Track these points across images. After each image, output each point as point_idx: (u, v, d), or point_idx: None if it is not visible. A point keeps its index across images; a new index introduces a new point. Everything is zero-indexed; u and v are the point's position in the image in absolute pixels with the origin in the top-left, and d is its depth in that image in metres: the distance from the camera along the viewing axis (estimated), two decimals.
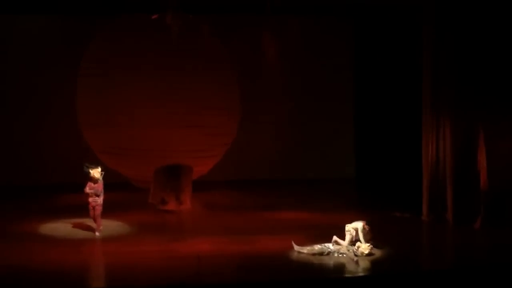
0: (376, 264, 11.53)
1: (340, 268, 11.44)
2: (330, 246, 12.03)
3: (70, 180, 13.36)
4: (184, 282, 10.35)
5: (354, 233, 12.12)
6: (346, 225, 12.31)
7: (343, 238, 12.26)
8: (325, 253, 11.93)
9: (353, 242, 12.04)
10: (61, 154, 18.33)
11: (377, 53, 18.88)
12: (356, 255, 11.73)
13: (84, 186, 13.43)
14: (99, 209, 13.42)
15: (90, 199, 13.43)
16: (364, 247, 11.83)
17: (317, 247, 12.04)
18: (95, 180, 13.35)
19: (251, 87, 18.62)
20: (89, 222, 13.74)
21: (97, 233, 13.34)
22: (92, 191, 13.38)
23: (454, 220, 14.34)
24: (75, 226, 13.87)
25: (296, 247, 12.18)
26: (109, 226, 14.05)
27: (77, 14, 18.24)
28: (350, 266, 11.45)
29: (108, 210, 15.61)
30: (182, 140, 16.81)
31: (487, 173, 14.07)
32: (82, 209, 13.89)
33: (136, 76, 16.72)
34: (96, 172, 13.36)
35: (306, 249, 12.08)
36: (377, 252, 11.94)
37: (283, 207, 15.88)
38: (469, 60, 14.25)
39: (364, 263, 11.54)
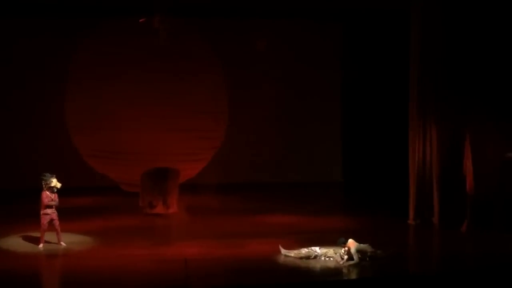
0: (362, 268, 11.56)
1: (327, 271, 11.46)
2: (317, 249, 12.04)
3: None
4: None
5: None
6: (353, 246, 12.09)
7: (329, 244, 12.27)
8: (312, 257, 11.95)
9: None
10: (49, 158, 18.26)
11: (365, 57, 18.98)
12: (342, 259, 11.75)
13: (37, 196, 12.84)
14: (57, 220, 12.81)
15: (49, 211, 12.75)
16: (353, 251, 11.81)
17: (304, 251, 12.06)
18: (51, 190, 12.80)
19: (239, 90, 18.65)
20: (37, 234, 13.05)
21: (40, 245, 12.71)
22: (53, 202, 12.78)
23: (441, 224, 14.41)
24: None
25: (283, 251, 12.20)
26: (97, 230, 14.04)
27: (64, 18, 18.21)
28: (337, 270, 11.47)
29: (96, 214, 15.66)
30: (170, 144, 16.81)
31: (473, 177, 14.14)
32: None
33: (124, 80, 16.71)
34: (56, 182, 12.81)
35: (293, 253, 12.10)
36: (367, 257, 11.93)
37: (270, 211, 15.91)
38: (456, 64, 14.34)
39: (350, 267, 11.57)
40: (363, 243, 11.91)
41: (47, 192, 12.80)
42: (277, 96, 19.41)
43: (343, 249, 11.77)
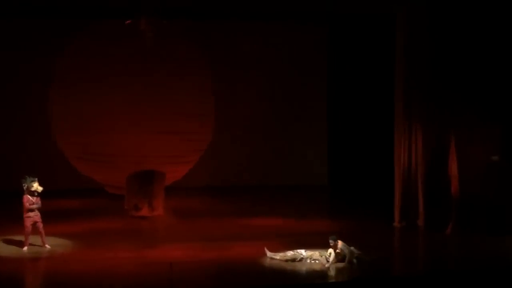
0: (348, 270, 11.58)
1: (312, 274, 11.47)
2: (303, 252, 12.05)
3: (46, 187, 13.11)
4: None
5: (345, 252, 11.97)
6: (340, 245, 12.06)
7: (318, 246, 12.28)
8: (298, 259, 11.96)
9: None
10: (34, 160, 18.15)
11: (350, 60, 19.02)
12: (328, 262, 11.76)
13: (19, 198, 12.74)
14: (41, 223, 12.73)
15: (32, 214, 12.65)
16: (345, 248, 11.79)
17: (290, 254, 12.06)
18: (32, 194, 12.69)
19: (226, 93, 18.65)
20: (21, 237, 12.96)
21: (25, 248, 12.64)
22: (36, 205, 12.70)
23: (426, 227, 14.46)
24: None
25: (269, 254, 12.19)
26: (82, 232, 13.99)
27: (50, 19, 18.13)
28: (323, 272, 11.48)
29: (82, 216, 15.59)
30: (156, 146, 16.78)
31: (458, 180, 14.20)
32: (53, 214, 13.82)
33: (110, 83, 16.67)
34: (37, 186, 12.69)
35: (279, 256, 12.10)
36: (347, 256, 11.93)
37: (256, 214, 15.91)
38: (441, 67, 14.41)
39: (336, 269, 11.59)
40: (350, 246, 11.93)
41: (28, 196, 12.73)
42: (263, 99, 19.43)
43: (329, 250, 11.78)
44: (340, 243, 11.81)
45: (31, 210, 12.72)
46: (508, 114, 14.30)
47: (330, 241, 11.79)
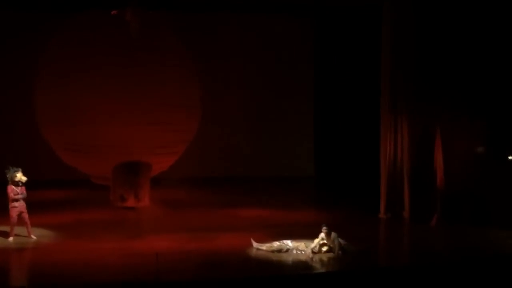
0: (333, 261, 11.62)
1: (298, 265, 11.51)
2: (289, 243, 12.09)
3: (31, 177, 13.06)
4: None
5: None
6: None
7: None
8: (284, 250, 12.00)
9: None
10: (19, 150, 18.06)
11: (336, 52, 19.04)
12: (314, 252, 11.80)
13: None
14: (27, 213, 12.72)
15: (17, 204, 12.65)
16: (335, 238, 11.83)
17: (276, 244, 12.10)
18: (16, 184, 12.67)
19: (212, 84, 18.62)
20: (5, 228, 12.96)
21: (10, 238, 12.67)
22: (21, 195, 12.68)
23: (411, 218, 14.53)
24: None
25: (255, 244, 12.22)
26: (67, 223, 13.96)
27: (35, 10, 18.03)
28: (308, 263, 11.53)
29: (67, 207, 15.56)
30: (142, 137, 16.73)
31: (443, 172, 14.27)
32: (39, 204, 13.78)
33: (96, 73, 16.59)
34: (21, 176, 12.67)
35: (265, 246, 12.14)
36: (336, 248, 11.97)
37: (242, 204, 15.94)
38: (427, 60, 14.46)
39: (321, 260, 11.63)
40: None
41: (13, 186, 12.70)
42: (250, 91, 19.43)
43: (316, 241, 11.81)
44: (333, 234, 11.84)
45: (16, 200, 12.68)
46: (493, 108, 14.38)
47: (324, 228, 11.80)
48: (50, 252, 12.12)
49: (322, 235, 11.86)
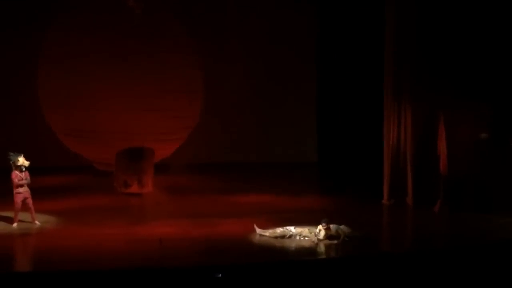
0: (337, 247, 11.64)
1: (301, 251, 11.53)
2: (292, 229, 12.10)
3: (35, 163, 13.06)
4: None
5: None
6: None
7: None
8: (287, 236, 12.01)
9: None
10: (23, 136, 18.05)
11: (340, 39, 18.98)
12: (317, 238, 11.81)
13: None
14: (31, 199, 12.74)
15: (21, 189, 12.66)
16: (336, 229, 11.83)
17: (279, 230, 12.11)
18: (19, 169, 12.66)
19: (215, 70, 18.59)
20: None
21: (14, 224, 12.69)
22: (25, 181, 12.67)
23: (414, 204, 14.53)
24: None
25: (258, 230, 12.23)
26: (71, 209, 13.99)
27: None
28: (312, 249, 11.54)
29: (71, 193, 15.58)
30: (145, 123, 16.75)
31: (446, 158, 14.26)
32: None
33: (98, 59, 16.59)
34: (23, 160, 12.68)
35: (268, 232, 12.15)
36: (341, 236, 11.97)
37: (245, 191, 15.93)
38: (430, 46, 14.41)
39: (325, 246, 11.65)
40: (339, 224, 11.98)
41: (16, 172, 12.71)
42: (252, 76, 19.38)
43: (319, 227, 11.83)
44: (332, 227, 11.83)
45: (21, 186, 12.69)
46: (497, 94, 14.35)
47: (322, 224, 11.81)
48: (54, 238, 12.15)
49: (320, 226, 11.81)
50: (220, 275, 10.20)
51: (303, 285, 10.49)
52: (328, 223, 11.84)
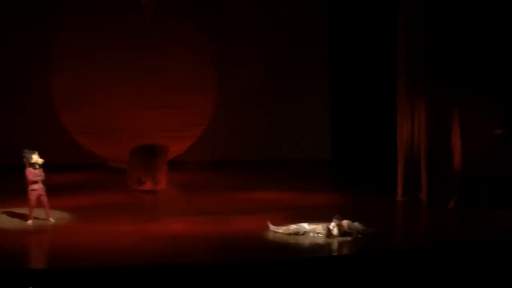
0: (350, 244, 11.61)
1: (315, 248, 11.51)
2: (306, 226, 12.06)
3: (49, 161, 13.12)
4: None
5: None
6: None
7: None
8: (301, 233, 11.99)
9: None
10: (36, 134, 18.10)
11: (353, 34, 18.93)
12: (331, 235, 11.79)
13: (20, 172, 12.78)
14: (45, 196, 12.79)
15: (36, 186, 12.71)
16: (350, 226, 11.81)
17: (293, 227, 12.09)
18: (33, 166, 12.71)
19: (228, 67, 18.58)
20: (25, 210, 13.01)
21: (29, 221, 12.70)
22: (39, 178, 12.74)
23: (428, 201, 14.48)
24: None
25: (271, 227, 12.22)
26: (85, 206, 14.02)
27: None
28: (326, 246, 11.52)
29: (85, 190, 15.63)
30: (158, 120, 16.78)
31: (460, 154, 14.20)
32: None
33: (111, 56, 16.63)
34: (37, 158, 12.73)
35: (281, 229, 12.13)
36: (354, 233, 11.94)
37: (258, 187, 15.93)
38: (444, 41, 14.34)
39: (338, 243, 11.62)
40: (352, 221, 11.95)
41: (30, 169, 12.76)
42: (265, 72, 19.35)
43: (332, 224, 11.80)
44: (345, 223, 11.81)
45: (35, 182, 12.74)
46: (511, 90, 14.26)
47: (334, 220, 11.79)
48: (68, 235, 12.19)
49: (333, 223, 11.79)
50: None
51: (316, 282, 10.46)
52: (340, 219, 11.81)
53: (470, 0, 14.13)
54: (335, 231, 11.78)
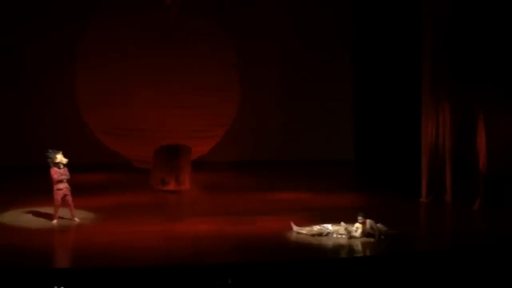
0: (374, 245, 11.57)
1: (338, 248, 11.48)
2: (329, 226, 12.04)
3: (73, 161, 13.19)
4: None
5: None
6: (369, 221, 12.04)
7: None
8: (324, 234, 11.96)
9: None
10: (61, 134, 18.23)
11: (376, 33, 18.82)
12: (353, 237, 11.75)
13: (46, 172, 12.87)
14: (70, 196, 12.85)
15: (61, 186, 12.77)
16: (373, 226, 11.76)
17: (316, 228, 12.07)
18: (57, 166, 12.78)
19: (251, 67, 18.58)
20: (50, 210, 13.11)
21: (54, 221, 12.77)
22: (64, 177, 12.80)
23: (453, 202, 14.38)
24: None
25: (295, 228, 12.21)
26: (109, 206, 14.10)
27: None
28: (349, 247, 11.48)
29: (109, 190, 15.72)
30: (182, 121, 16.83)
31: (486, 155, 14.08)
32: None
33: (135, 57, 16.70)
34: (62, 157, 12.79)
35: (305, 230, 12.11)
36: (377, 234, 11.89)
37: (282, 188, 15.92)
38: (469, 41, 14.24)
39: (362, 244, 11.58)
40: (376, 222, 11.90)
41: (55, 168, 12.83)
42: (289, 73, 19.34)
43: (356, 225, 11.77)
44: (368, 222, 11.78)
45: (60, 181, 12.82)
46: None
47: (359, 218, 11.77)
48: (93, 235, 12.26)
49: (357, 224, 11.78)
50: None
51: (339, 283, 10.43)
52: (364, 217, 11.79)
53: (494, 3, 14.01)
54: (358, 232, 11.75)
